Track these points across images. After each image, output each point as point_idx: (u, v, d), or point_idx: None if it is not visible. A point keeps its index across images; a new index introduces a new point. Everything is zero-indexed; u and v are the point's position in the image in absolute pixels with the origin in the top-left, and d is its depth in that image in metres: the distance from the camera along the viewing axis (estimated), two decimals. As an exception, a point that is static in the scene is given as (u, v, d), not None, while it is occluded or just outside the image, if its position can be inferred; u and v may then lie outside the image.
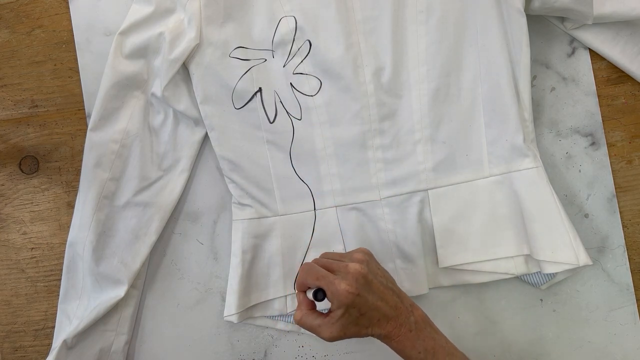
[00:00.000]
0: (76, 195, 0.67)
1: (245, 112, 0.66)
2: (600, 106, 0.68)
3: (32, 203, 0.73)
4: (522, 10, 0.62)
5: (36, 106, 0.73)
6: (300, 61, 0.66)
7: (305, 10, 0.65)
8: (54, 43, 0.72)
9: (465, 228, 0.65)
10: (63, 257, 0.68)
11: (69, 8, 0.72)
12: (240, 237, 0.66)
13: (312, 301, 0.54)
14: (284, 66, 0.66)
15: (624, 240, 0.68)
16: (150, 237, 0.68)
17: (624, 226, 0.68)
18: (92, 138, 0.66)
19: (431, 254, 0.66)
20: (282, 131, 0.66)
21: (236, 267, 0.66)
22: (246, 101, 0.66)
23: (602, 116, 0.68)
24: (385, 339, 0.53)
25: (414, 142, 0.65)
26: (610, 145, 0.68)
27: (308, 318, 0.53)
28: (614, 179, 0.68)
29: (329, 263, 0.53)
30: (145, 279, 0.70)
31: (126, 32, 0.66)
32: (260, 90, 0.66)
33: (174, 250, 0.71)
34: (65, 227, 0.72)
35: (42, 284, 0.72)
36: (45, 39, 0.73)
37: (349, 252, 0.55)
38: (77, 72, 0.72)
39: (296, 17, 0.65)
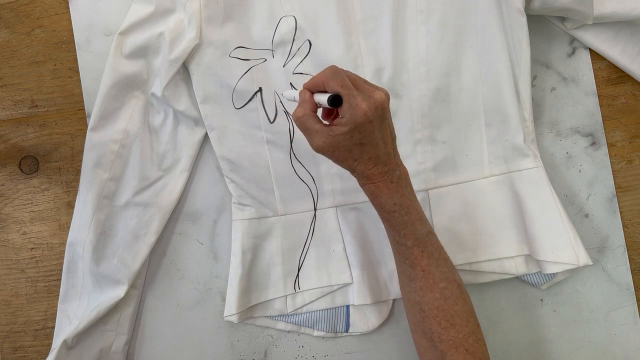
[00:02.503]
0: (76, 195, 0.67)
1: (245, 112, 0.66)
2: (600, 106, 0.68)
3: (32, 203, 0.73)
4: (523, 10, 0.62)
5: (36, 106, 0.73)
6: (300, 61, 0.66)
7: (305, 10, 0.65)
8: (54, 43, 0.72)
9: (466, 228, 0.65)
10: (63, 257, 0.68)
11: (69, 8, 0.72)
12: (240, 237, 0.66)
13: (316, 105, 0.51)
14: (284, 66, 0.66)
15: (624, 240, 0.68)
16: (150, 237, 0.68)
17: (624, 226, 0.68)
18: (92, 138, 0.66)
19: None
20: (282, 131, 0.66)
21: (236, 267, 0.66)
22: (246, 101, 0.66)
23: (602, 116, 0.68)
24: (365, 179, 0.51)
25: (414, 142, 0.65)
26: (610, 145, 0.68)
27: (309, 119, 0.50)
28: (614, 179, 0.68)
29: (355, 79, 0.49)
30: (145, 279, 0.70)
31: (126, 32, 0.66)
32: (260, 90, 0.66)
33: (174, 250, 0.71)
34: (65, 227, 0.72)
35: (42, 284, 0.72)
36: (45, 39, 0.73)
37: (372, 84, 0.50)
38: (77, 72, 0.72)
39: (296, 17, 0.65)
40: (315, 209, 0.67)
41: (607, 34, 0.66)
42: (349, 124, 0.47)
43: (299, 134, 0.66)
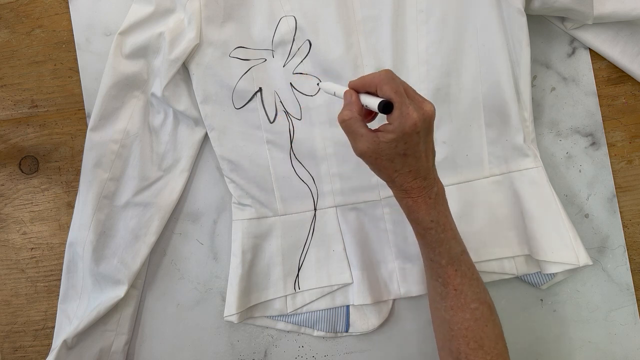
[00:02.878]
0: (76, 195, 0.67)
1: (245, 112, 0.66)
2: (600, 106, 0.68)
3: (32, 203, 0.73)
4: (523, 10, 0.62)
5: (36, 106, 0.73)
6: (300, 61, 0.66)
7: (305, 10, 0.65)
8: (54, 43, 0.72)
9: (466, 228, 0.64)
10: (63, 257, 0.68)
11: (69, 8, 0.72)
12: (240, 237, 0.66)
13: (362, 108, 0.50)
14: (284, 66, 0.66)
15: (624, 240, 0.68)
16: (150, 237, 0.68)
17: (624, 226, 0.68)
18: (92, 138, 0.66)
19: None
20: (282, 131, 0.66)
21: (236, 267, 0.66)
22: (246, 101, 0.66)
23: (602, 116, 0.68)
24: (403, 193, 0.50)
25: None
26: (610, 145, 0.68)
27: (356, 122, 0.48)
28: (614, 179, 0.68)
29: (407, 88, 0.48)
30: (145, 279, 0.70)
31: (126, 32, 0.66)
32: (260, 90, 0.66)
33: (174, 250, 0.71)
34: (65, 227, 0.72)
35: (42, 284, 0.72)
36: (45, 39, 0.73)
37: (421, 96, 0.50)
38: (77, 72, 0.72)
39: (296, 17, 0.65)
40: (315, 209, 0.67)
41: (607, 34, 0.66)
42: (397, 132, 0.46)
43: (298, 134, 0.66)
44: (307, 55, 0.65)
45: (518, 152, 0.64)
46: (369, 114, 0.52)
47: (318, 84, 0.61)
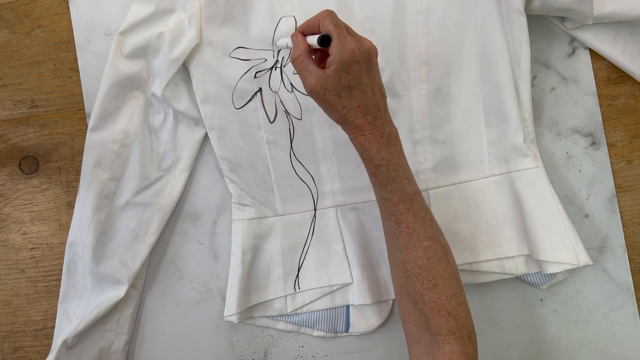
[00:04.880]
0: (76, 195, 0.67)
1: (245, 112, 0.66)
2: (600, 106, 0.68)
3: (32, 203, 0.73)
4: (523, 10, 0.62)
5: (36, 106, 0.73)
6: None
7: (305, 10, 0.65)
8: (54, 43, 0.72)
9: (466, 228, 0.65)
10: (63, 257, 0.68)
11: (69, 8, 0.72)
12: (240, 238, 0.66)
13: (309, 46, 0.53)
14: (284, 66, 0.66)
15: (624, 240, 0.68)
16: (150, 237, 0.68)
17: (624, 226, 0.68)
18: (92, 138, 0.66)
19: None
20: (282, 131, 0.66)
21: (236, 268, 0.66)
22: (246, 101, 0.66)
23: (602, 116, 0.68)
24: (355, 131, 0.52)
25: (414, 142, 0.65)
26: (610, 145, 0.68)
27: (305, 59, 0.52)
28: (614, 179, 0.68)
29: (349, 27, 0.52)
30: (145, 279, 0.70)
31: (126, 32, 0.66)
32: (260, 90, 0.66)
33: (174, 250, 0.71)
34: (65, 227, 0.72)
35: (42, 284, 0.72)
36: (45, 39, 0.73)
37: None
38: (77, 72, 0.72)
39: (296, 17, 0.65)
40: (315, 209, 0.67)
41: (607, 34, 0.66)
42: (337, 61, 0.49)
43: (299, 134, 0.66)
44: None
45: (518, 152, 0.64)
46: (323, 58, 0.54)
47: (275, 44, 0.61)
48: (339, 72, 0.49)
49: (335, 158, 0.66)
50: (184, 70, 0.67)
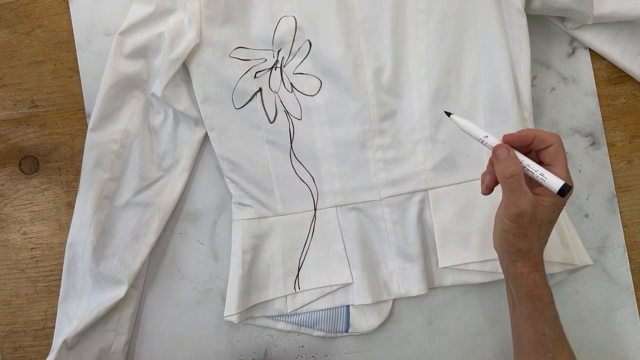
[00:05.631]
0: (76, 195, 0.67)
1: (246, 112, 0.66)
2: (600, 106, 0.68)
3: (32, 203, 0.73)
4: (523, 10, 0.62)
5: (36, 106, 0.73)
6: (300, 61, 0.66)
7: (305, 10, 0.65)
8: (54, 43, 0.72)
9: (466, 228, 0.65)
10: (63, 257, 0.68)
11: (69, 8, 0.72)
12: (240, 237, 0.66)
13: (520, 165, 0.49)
14: (284, 66, 0.66)
15: (624, 240, 0.68)
16: (150, 237, 0.68)
17: (624, 226, 0.68)
18: (92, 138, 0.66)
19: (431, 254, 0.66)
20: (282, 131, 0.66)
21: (236, 268, 0.66)
22: (246, 101, 0.66)
23: (602, 116, 0.68)
24: (533, 267, 0.50)
25: (414, 142, 0.65)
26: (610, 145, 0.68)
27: (520, 180, 0.48)
28: (614, 179, 0.68)
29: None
30: (145, 279, 0.70)
31: (126, 32, 0.66)
32: (260, 90, 0.66)
33: (174, 250, 0.71)
34: (65, 227, 0.72)
35: (42, 284, 0.72)
36: (45, 39, 0.73)
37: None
38: (77, 72, 0.72)
39: (296, 17, 0.65)
40: (315, 209, 0.67)
41: (607, 34, 0.66)
42: (558, 199, 0.48)
43: (298, 134, 0.66)
44: (307, 55, 0.65)
45: None
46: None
47: (450, 116, 0.55)
48: (554, 208, 0.48)
49: (335, 158, 0.66)
50: (184, 70, 0.67)
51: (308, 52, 0.65)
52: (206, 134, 0.68)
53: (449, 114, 0.54)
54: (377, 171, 0.65)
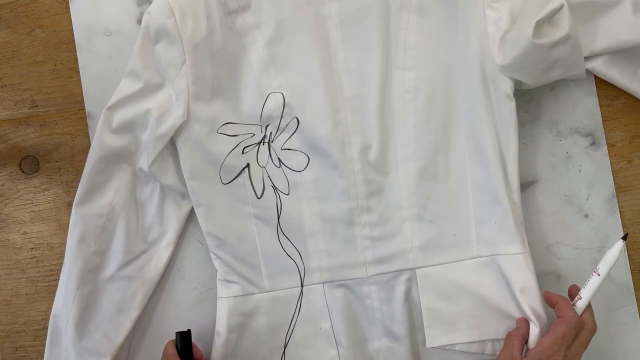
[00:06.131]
0: (76, 195, 0.67)
1: (233, 187, 0.66)
2: (600, 106, 0.68)
3: (32, 203, 0.73)
4: (512, 94, 0.61)
5: (36, 106, 0.73)
6: (288, 137, 0.65)
7: (293, 86, 0.64)
8: (54, 43, 0.72)
9: (454, 309, 0.63)
10: (63, 257, 0.67)
11: (69, 8, 0.72)
12: (225, 316, 0.64)
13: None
14: (272, 141, 0.65)
15: (624, 241, 0.68)
16: (134, 311, 0.66)
17: (624, 226, 0.68)
18: (78, 212, 0.65)
19: (418, 334, 0.65)
20: (270, 206, 0.65)
21: (220, 347, 0.64)
22: (234, 176, 0.66)
23: (602, 116, 0.68)
24: None
25: (401, 219, 0.65)
26: (610, 145, 0.68)
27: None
28: (614, 179, 0.68)
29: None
30: (129, 350, 0.69)
31: (114, 107, 0.65)
32: (248, 165, 0.66)
33: (174, 250, 0.71)
34: (65, 227, 0.72)
35: (42, 284, 0.72)
36: (45, 39, 0.73)
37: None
38: (77, 72, 0.72)
39: (284, 94, 0.64)
40: (302, 285, 0.66)
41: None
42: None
43: (286, 209, 0.65)
44: (295, 132, 0.65)
45: (506, 235, 0.62)
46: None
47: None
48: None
49: (323, 234, 0.65)
50: (172, 144, 0.65)
51: (296, 129, 0.65)
52: (193, 207, 0.67)
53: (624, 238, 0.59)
54: (365, 248, 0.65)
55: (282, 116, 0.65)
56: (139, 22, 0.71)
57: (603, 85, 0.68)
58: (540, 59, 0.60)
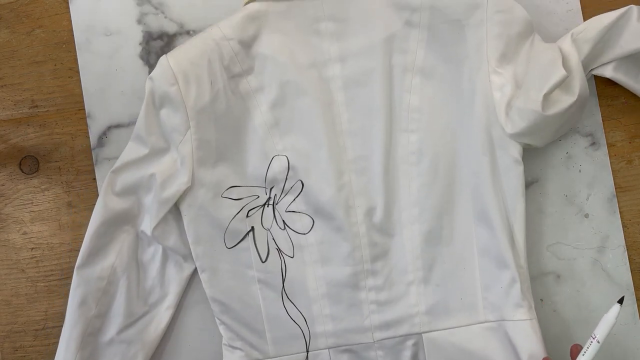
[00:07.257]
0: (76, 196, 0.67)
1: (237, 251, 0.65)
2: (600, 106, 0.68)
3: (32, 203, 0.73)
4: (520, 159, 0.61)
5: (36, 106, 0.73)
6: (292, 199, 0.65)
7: (297, 149, 0.64)
8: (54, 43, 0.72)
9: None
10: (63, 257, 0.68)
11: (69, 8, 0.72)
12: None
13: None
14: (276, 204, 0.65)
15: (624, 240, 0.68)
16: None
17: (624, 226, 0.68)
18: (80, 275, 0.64)
19: None
20: (274, 270, 0.65)
21: None
22: (238, 240, 0.65)
23: (602, 116, 0.68)
24: None
25: (407, 283, 0.64)
26: (610, 145, 0.68)
27: None
28: (614, 179, 0.68)
29: None
30: None
31: (118, 170, 0.64)
32: (252, 229, 0.65)
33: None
34: (65, 227, 0.72)
35: (42, 284, 0.72)
36: (45, 39, 0.73)
37: None
38: (77, 72, 0.72)
39: (288, 157, 0.64)
40: (307, 351, 0.65)
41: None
42: None
43: (290, 273, 0.65)
44: (299, 194, 0.65)
45: (512, 301, 0.62)
46: None
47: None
48: None
49: (328, 298, 0.64)
50: (175, 208, 0.65)
51: (300, 192, 0.64)
52: (195, 270, 0.67)
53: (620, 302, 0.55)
54: (370, 313, 0.64)
55: (286, 179, 0.64)
56: (139, 22, 0.71)
57: (603, 85, 0.68)
58: (551, 124, 0.60)
